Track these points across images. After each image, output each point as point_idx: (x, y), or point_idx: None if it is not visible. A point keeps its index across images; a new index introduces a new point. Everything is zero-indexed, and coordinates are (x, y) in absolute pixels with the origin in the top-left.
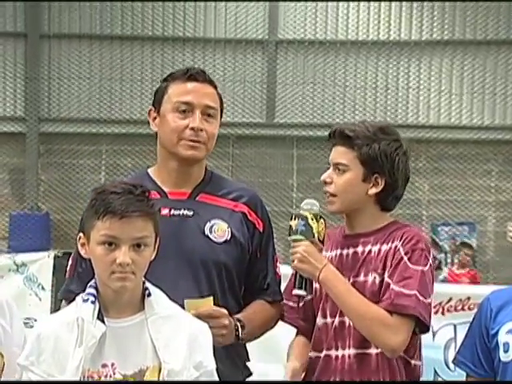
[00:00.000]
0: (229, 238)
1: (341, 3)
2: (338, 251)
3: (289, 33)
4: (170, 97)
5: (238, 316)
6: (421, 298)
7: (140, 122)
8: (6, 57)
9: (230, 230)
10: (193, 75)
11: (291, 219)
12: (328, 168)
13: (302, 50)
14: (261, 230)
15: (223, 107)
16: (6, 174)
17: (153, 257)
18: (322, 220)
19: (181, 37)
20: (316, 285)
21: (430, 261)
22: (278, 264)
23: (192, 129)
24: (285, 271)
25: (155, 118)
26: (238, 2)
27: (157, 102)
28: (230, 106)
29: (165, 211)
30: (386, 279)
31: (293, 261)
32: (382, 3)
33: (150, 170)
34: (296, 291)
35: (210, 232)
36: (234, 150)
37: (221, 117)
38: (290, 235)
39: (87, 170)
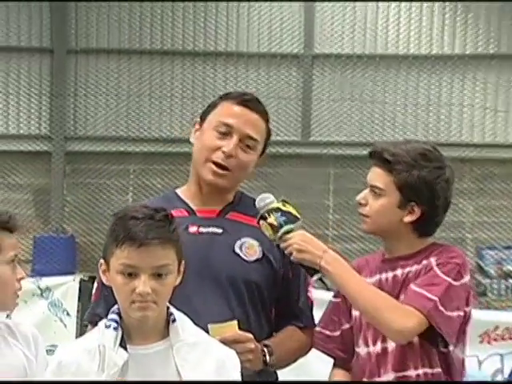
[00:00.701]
0: (260, 256)
1: (380, 15)
2: (377, 276)
3: (325, 47)
4: (216, 114)
5: (266, 342)
6: (440, 307)
7: (170, 141)
8: (31, 73)
9: (261, 248)
10: (245, 100)
11: (264, 219)
12: (365, 188)
13: (339, 64)
14: None
15: (268, 143)
16: (31, 195)
17: (178, 282)
18: (289, 204)
19: (212, 51)
20: (355, 313)
21: (466, 279)
22: (310, 288)
23: (223, 152)
24: (317, 296)
25: (197, 131)
26: (272, 15)
27: (204, 115)
28: None
29: (193, 229)
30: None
31: (290, 254)
32: (424, 15)
33: (178, 190)
34: (315, 277)
35: (241, 250)
36: (268, 169)
37: (263, 152)
38: (275, 234)
39: (114, 191)
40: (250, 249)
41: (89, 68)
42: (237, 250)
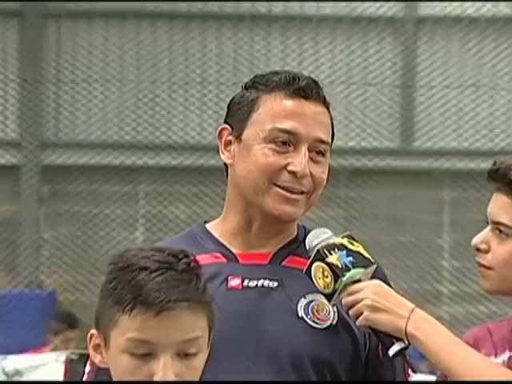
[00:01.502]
0: (335, 322)
1: None
2: (506, 354)
3: (434, 8)
4: (263, 117)
5: None
6: None
7: (200, 149)
8: None
9: (335, 310)
10: (302, 88)
11: (320, 260)
12: (487, 224)
13: (457, 32)
14: None
15: (334, 136)
16: None
17: (205, 359)
18: (358, 242)
19: (264, 14)
20: None
21: None
22: (410, 371)
23: (293, 173)
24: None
25: (229, 143)
26: None
27: (236, 119)
28: (340, 123)
29: (234, 282)
30: None
31: (357, 315)
32: None
33: (209, 225)
34: (394, 349)
35: (307, 313)
36: (347, 191)
37: (330, 151)
38: (335, 282)
39: (116, 225)
40: (320, 311)
41: (77, 39)
42: (300, 312)
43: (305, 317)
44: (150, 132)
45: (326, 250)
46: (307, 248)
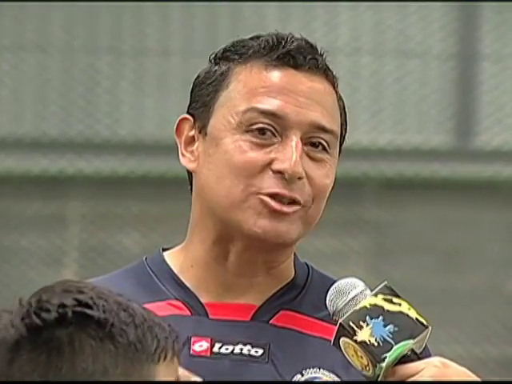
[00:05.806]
0: None
1: None
2: None
3: None
4: (235, 96)
5: None
6: None
7: (161, 149)
8: None
9: None
10: (290, 54)
11: (347, 336)
12: None
13: None
14: None
15: (347, 126)
16: None
17: None
18: (398, 297)
19: None
20: None
21: None
22: None
23: (279, 173)
24: None
25: (192, 141)
26: None
27: (200, 104)
28: (366, 110)
29: (200, 346)
30: None
31: None
32: None
33: (168, 255)
34: None
35: None
36: (376, 211)
37: (340, 148)
38: (373, 364)
39: (37, 261)
40: None
41: None
42: None
43: None
44: (86, 125)
45: (352, 324)
46: (329, 310)
